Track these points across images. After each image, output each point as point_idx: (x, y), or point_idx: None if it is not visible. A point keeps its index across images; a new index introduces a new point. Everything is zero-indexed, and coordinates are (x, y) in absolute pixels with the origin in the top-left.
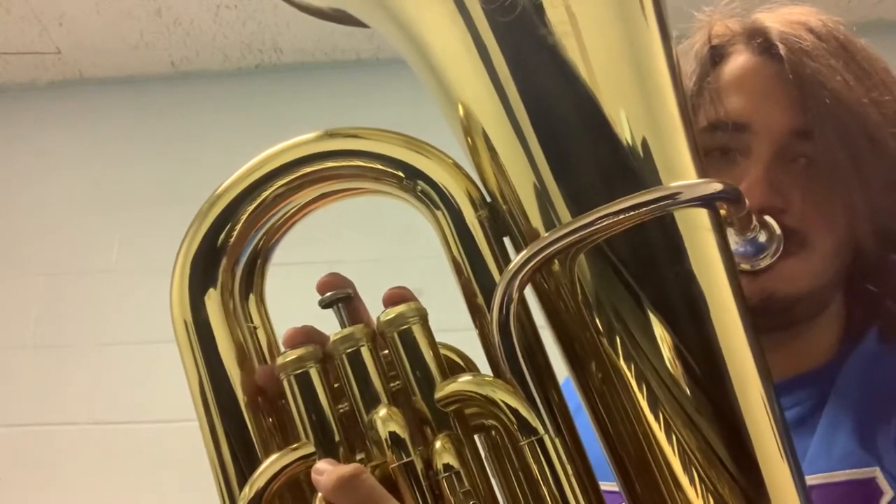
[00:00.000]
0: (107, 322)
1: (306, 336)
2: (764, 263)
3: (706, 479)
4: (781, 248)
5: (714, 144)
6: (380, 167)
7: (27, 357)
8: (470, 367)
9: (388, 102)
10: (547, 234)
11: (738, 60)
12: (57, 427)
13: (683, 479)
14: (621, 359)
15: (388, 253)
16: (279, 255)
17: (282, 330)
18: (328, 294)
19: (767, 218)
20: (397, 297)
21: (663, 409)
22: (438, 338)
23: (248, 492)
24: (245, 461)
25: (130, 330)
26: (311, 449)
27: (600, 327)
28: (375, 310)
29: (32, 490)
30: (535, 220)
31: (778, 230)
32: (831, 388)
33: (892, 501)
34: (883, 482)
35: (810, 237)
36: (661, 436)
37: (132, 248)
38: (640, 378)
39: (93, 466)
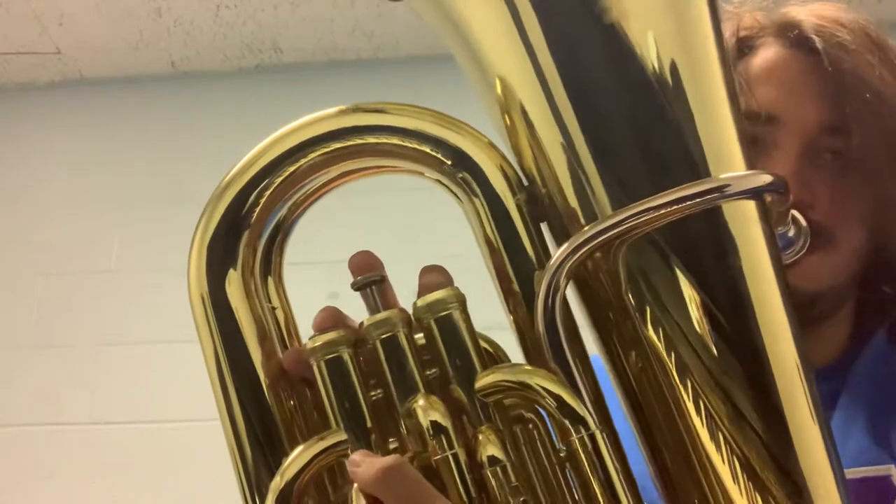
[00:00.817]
0: (107, 322)
1: (336, 320)
2: (790, 259)
3: (748, 473)
4: (808, 245)
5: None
6: (424, 149)
7: (27, 357)
8: (503, 358)
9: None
10: (591, 225)
11: (769, 52)
12: (57, 427)
13: (725, 474)
14: (664, 351)
15: (388, 253)
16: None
17: None
18: (360, 277)
19: (795, 213)
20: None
21: (706, 404)
22: None
23: (279, 482)
24: (268, 446)
25: (130, 330)
26: (342, 436)
27: (641, 319)
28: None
29: (32, 490)
30: (575, 207)
31: (805, 225)
32: (842, 386)
33: None
34: None
35: (836, 234)
36: (700, 429)
37: (132, 248)
38: (681, 369)
39: (93, 466)
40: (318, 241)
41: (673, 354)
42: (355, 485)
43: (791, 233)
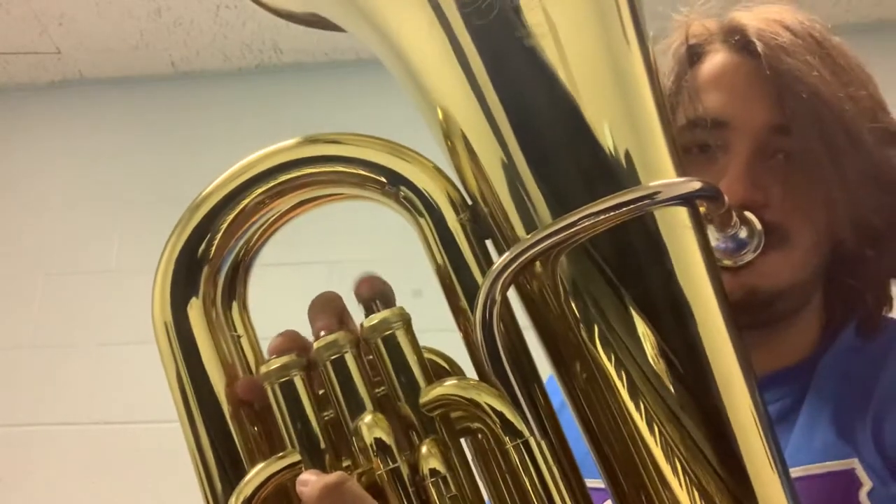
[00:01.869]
0: (107, 322)
1: (291, 342)
2: (746, 259)
3: (691, 476)
4: (763, 244)
5: (693, 142)
6: (362, 172)
7: (27, 357)
8: (455, 370)
9: (388, 103)
10: (529, 236)
11: (716, 58)
12: (56, 427)
13: (669, 477)
14: (605, 359)
15: (386, 253)
16: (279, 256)
17: (276, 330)
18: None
19: (748, 214)
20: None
21: (647, 408)
22: (438, 338)
23: (235, 501)
24: (231, 470)
25: (130, 330)
26: (297, 457)
27: (583, 327)
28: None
29: (32, 490)
30: (517, 222)
31: (759, 226)
32: (810, 382)
33: (870, 492)
34: (862, 473)
35: (791, 232)
36: (645, 434)
37: (132, 248)
38: (623, 377)
39: (92, 466)
40: (318, 241)
41: (614, 360)
42: None
43: (743, 234)
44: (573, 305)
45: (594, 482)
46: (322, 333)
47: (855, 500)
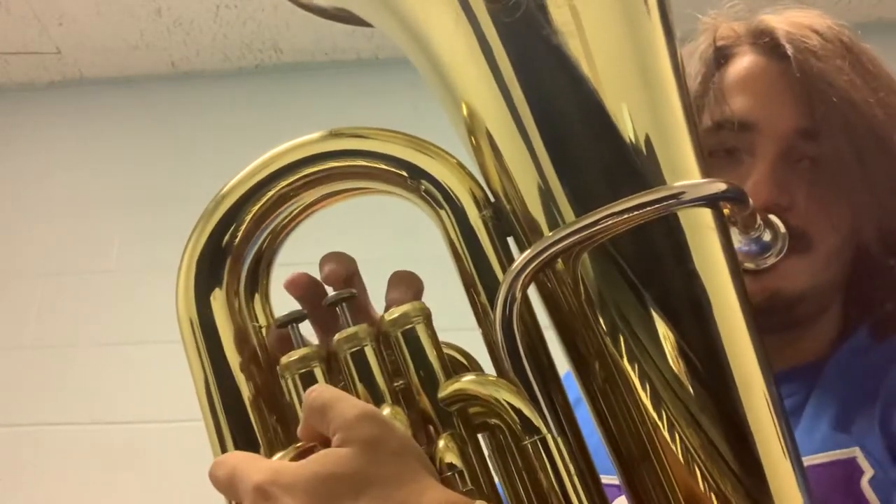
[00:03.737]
0: (107, 322)
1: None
2: (769, 262)
3: (709, 477)
4: (786, 247)
5: (719, 144)
6: (384, 167)
7: (27, 357)
8: (474, 366)
9: (388, 102)
10: (550, 234)
11: (744, 61)
12: (57, 427)
13: (686, 478)
14: (624, 358)
15: (389, 253)
16: (283, 255)
17: None
18: (330, 296)
19: (772, 217)
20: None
21: (666, 408)
22: (445, 336)
23: None
24: None
25: (130, 330)
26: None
27: (603, 326)
28: (378, 308)
29: (32, 490)
30: (539, 220)
31: (783, 229)
32: (817, 380)
33: (872, 479)
34: (863, 461)
35: (814, 236)
36: (663, 434)
37: (132, 248)
38: (642, 377)
39: (93, 466)
40: (319, 241)
41: (633, 361)
42: None
43: (767, 237)
44: (594, 304)
45: (608, 478)
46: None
47: (857, 488)
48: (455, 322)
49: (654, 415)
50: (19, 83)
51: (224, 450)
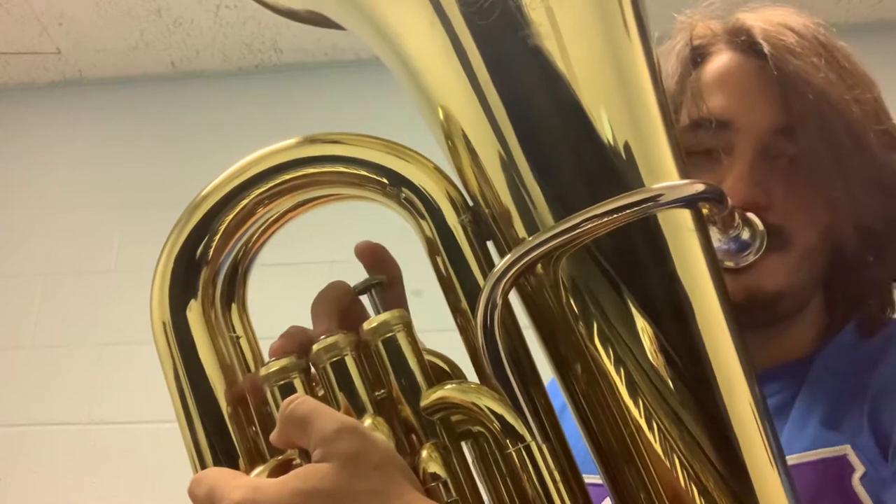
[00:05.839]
0: (107, 322)
1: (294, 342)
2: (748, 260)
3: (693, 476)
4: (765, 245)
5: (697, 143)
6: (363, 173)
7: (27, 357)
8: (456, 373)
9: (388, 103)
10: (531, 238)
11: (721, 59)
12: (57, 427)
13: (670, 478)
14: (606, 360)
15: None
16: (279, 256)
17: (277, 331)
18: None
19: (750, 215)
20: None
21: (649, 410)
22: (439, 338)
23: None
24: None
25: (130, 330)
26: (296, 460)
27: (585, 330)
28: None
29: (32, 490)
30: (518, 224)
31: (761, 227)
32: (806, 378)
33: (863, 477)
34: (854, 459)
35: (793, 234)
36: (648, 436)
37: (132, 248)
38: (625, 380)
39: (92, 466)
40: (318, 241)
41: (615, 363)
42: None
43: (745, 235)
44: (575, 307)
45: (593, 478)
46: (322, 338)
47: (848, 485)
48: (439, 322)
49: (638, 417)
50: (19, 83)
51: (202, 462)
